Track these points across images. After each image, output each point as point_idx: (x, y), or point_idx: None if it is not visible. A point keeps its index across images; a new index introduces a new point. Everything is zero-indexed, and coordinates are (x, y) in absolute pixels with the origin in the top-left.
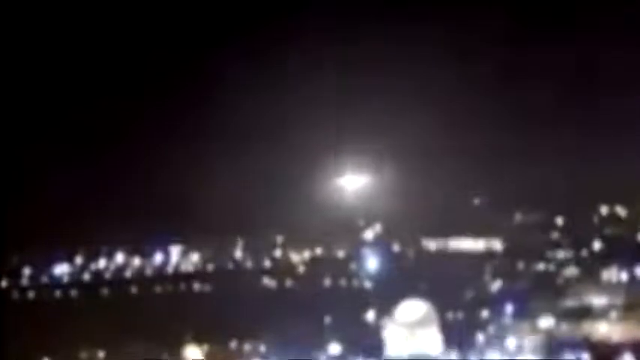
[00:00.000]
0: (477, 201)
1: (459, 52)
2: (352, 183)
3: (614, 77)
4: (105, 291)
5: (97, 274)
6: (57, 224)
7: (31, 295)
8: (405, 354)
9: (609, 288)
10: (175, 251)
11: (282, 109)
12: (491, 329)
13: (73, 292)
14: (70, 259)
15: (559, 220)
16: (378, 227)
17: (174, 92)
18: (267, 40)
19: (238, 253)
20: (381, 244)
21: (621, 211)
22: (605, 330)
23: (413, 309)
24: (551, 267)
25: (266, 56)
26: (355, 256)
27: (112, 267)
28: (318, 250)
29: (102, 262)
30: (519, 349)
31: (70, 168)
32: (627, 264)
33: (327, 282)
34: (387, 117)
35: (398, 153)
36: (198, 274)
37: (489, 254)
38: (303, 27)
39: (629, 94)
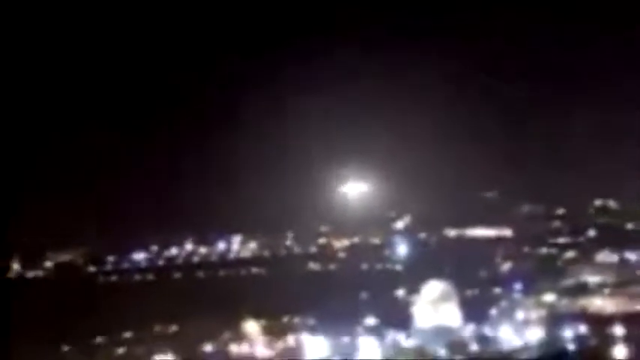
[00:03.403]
0: (489, 195)
1: (465, 58)
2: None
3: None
4: (176, 275)
5: (170, 260)
6: (136, 218)
7: (114, 278)
8: (429, 326)
9: (602, 268)
10: (236, 240)
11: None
12: (502, 304)
13: (149, 276)
14: (146, 248)
15: (559, 211)
16: (406, 219)
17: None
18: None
19: (289, 242)
20: (409, 233)
21: (612, 204)
22: (599, 304)
23: (436, 288)
24: (553, 251)
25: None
26: (387, 243)
27: (182, 254)
28: (356, 239)
29: (174, 250)
30: (526, 321)
31: (151, 171)
32: (617, 248)
33: (364, 265)
34: (412, 128)
35: (423, 157)
36: (255, 260)
37: (500, 240)
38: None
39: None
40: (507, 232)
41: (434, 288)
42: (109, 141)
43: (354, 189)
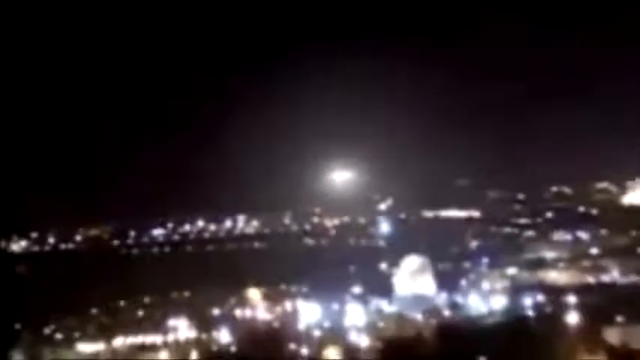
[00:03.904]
0: (461, 182)
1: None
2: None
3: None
4: (189, 248)
5: (184, 236)
6: (155, 199)
7: (135, 251)
8: (408, 294)
9: (557, 246)
10: (241, 219)
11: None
12: (471, 276)
13: (166, 249)
14: (163, 225)
15: (521, 196)
16: (389, 201)
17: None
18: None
19: (287, 220)
20: (390, 213)
21: (567, 189)
22: (554, 276)
23: (414, 261)
24: (515, 230)
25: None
26: (372, 222)
27: (195, 230)
28: (345, 218)
29: (187, 227)
30: (492, 290)
31: (169, 160)
32: (571, 228)
33: (352, 241)
34: (393, 124)
35: (403, 148)
36: (258, 236)
37: (470, 221)
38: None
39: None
40: (476, 214)
41: (412, 261)
42: (134, 135)
43: (343, 176)
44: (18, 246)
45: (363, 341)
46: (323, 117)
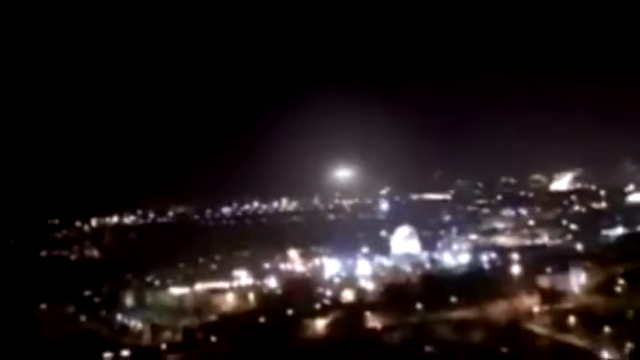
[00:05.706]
0: (437, 174)
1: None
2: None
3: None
4: (248, 221)
5: (244, 212)
6: (224, 187)
7: (210, 223)
8: (401, 253)
9: (505, 219)
10: (284, 200)
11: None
12: (445, 240)
13: (232, 222)
14: (229, 205)
15: (480, 184)
16: (387, 188)
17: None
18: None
19: (316, 201)
20: (388, 196)
21: (511, 180)
22: (503, 240)
23: (405, 230)
24: (475, 208)
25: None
26: (375, 202)
27: (252, 209)
28: (357, 200)
29: (247, 206)
30: (459, 250)
31: (231, 162)
32: (514, 207)
33: (361, 216)
34: (391, 137)
35: (399, 154)
36: (296, 212)
37: (444, 201)
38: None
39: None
40: (448, 197)
41: (403, 230)
42: (210, 146)
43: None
44: (129, 219)
45: (369, 286)
46: (344, 136)
